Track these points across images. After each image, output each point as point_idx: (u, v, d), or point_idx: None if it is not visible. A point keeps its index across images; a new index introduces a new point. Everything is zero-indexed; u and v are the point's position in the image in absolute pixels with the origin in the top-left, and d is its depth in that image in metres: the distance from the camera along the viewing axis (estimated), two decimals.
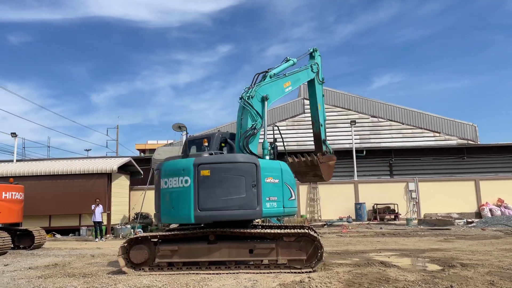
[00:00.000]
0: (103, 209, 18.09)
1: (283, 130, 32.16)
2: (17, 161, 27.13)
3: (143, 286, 6.94)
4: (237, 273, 7.81)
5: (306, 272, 7.72)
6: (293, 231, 8.11)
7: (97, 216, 17.55)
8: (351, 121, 28.88)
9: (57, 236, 19.50)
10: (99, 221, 17.64)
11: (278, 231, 8.17)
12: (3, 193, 13.15)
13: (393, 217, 24.08)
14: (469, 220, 21.82)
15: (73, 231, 20.18)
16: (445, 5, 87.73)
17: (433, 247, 11.93)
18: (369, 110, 32.37)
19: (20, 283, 7.67)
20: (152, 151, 41.57)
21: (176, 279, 7.45)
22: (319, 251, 7.89)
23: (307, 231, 8.07)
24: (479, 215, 24.14)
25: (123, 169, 22.12)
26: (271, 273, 7.75)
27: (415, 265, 8.89)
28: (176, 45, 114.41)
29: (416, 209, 24.90)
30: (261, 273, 7.76)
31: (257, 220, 10.93)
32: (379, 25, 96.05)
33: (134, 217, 22.22)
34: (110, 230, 19.81)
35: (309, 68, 11.49)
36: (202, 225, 8.96)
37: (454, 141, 30.83)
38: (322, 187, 25.64)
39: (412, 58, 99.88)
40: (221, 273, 7.83)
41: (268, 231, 8.22)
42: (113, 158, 26.23)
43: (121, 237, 18.44)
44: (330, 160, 11.51)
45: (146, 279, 7.48)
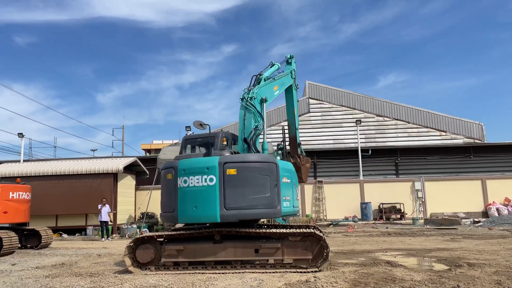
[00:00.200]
0: (109, 209, 18.18)
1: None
2: (24, 161, 27.33)
3: (149, 285, 6.97)
4: (242, 272, 7.81)
5: (312, 271, 7.71)
6: (298, 230, 8.11)
7: (104, 215, 17.64)
8: (356, 120, 28.81)
9: (64, 235, 19.62)
10: (105, 221, 17.72)
11: (283, 230, 8.16)
12: (10, 193, 13.23)
13: (399, 216, 23.98)
14: (476, 219, 21.68)
15: (80, 230, 20.30)
16: (449, 3, 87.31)
17: (440, 246, 11.87)
18: (375, 109, 32.27)
19: (27, 282, 7.72)
20: (157, 151, 41.69)
21: (182, 278, 7.47)
22: (325, 251, 7.87)
23: (312, 230, 8.06)
24: (486, 214, 23.99)
25: (129, 169, 22.21)
26: (277, 272, 7.74)
27: (422, 265, 8.85)
28: (180, 45, 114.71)
29: (422, 209, 24.79)
30: (266, 272, 7.76)
31: (262, 219, 10.96)
32: (383, 24, 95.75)
33: (140, 217, 22.31)
34: (116, 229, 19.90)
35: (289, 74, 11.82)
36: (207, 225, 8.99)
37: (460, 140, 30.66)
38: (327, 187, 25.60)
39: (417, 57, 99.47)
40: (226, 273, 7.83)
41: (273, 230, 8.22)
42: (119, 158, 26.34)
43: (127, 236, 18.52)
44: (307, 162, 12.23)
45: (152, 279, 7.50)
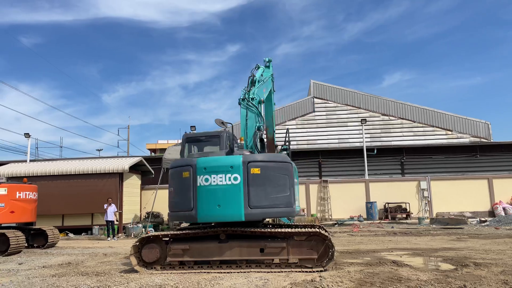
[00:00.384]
0: (115, 208, 18.26)
1: (293, 129, 32.13)
2: (31, 161, 27.50)
3: (155, 284, 6.99)
4: (248, 272, 7.82)
5: (317, 271, 7.70)
6: (304, 230, 8.10)
7: (110, 215, 17.72)
8: (361, 120, 28.72)
9: (70, 235, 19.73)
10: (111, 220, 17.80)
11: (289, 230, 8.17)
12: (17, 192, 13.33)
13: (404, 216, 23.88)
14: (482, 219, 21.54)
15: (86, 230, 20.41)
16: (455, 2, 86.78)
17: (446, 246, 11.81)
18: (380, 108, 32.17)
19: (34, 281, 7.78)
20: (162, 150, 41.83)
21: (187, 277, 7.50)
22: (330, 250, 7.86)
23: (318, 230, 8.05)
24: (492, 213, 23.84)
25: (134, 168, 22.29)
26: (282, 272, 7.74)
27: (428, 265, 8.82)
28: (185, 45, 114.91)
29: (428, 208, 24.68)
30: (272, 272, 7.76)
31: (267, 219, 11.00)
32: (388, 22, 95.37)
33: (145, 216, 22.39)
34: (122, 229, 19.98)
35: (270, 77, 12.07)
36: (212, 224, 9.01)
37: (466, 139, 30.48)
38: (332, 186, 25.55)
39: (422, 55, 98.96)
40: (232, 272, 7.85)
41: (279, 230, 8.23)
42: (124, 158, 26.44)
43: (132, 236, 18.60)
44: None
45: (158, 278, 7.53)
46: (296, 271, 7.75)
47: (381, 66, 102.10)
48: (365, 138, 28.71)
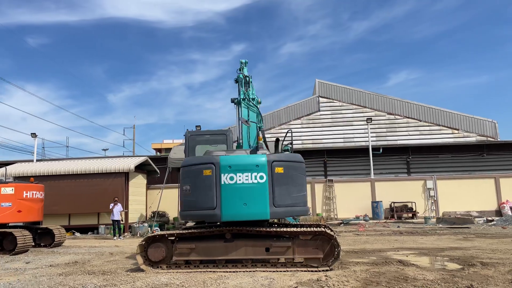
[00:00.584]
0: (121, 208, 18.34)
1: (299, 128, 32.10)
2: (37, 161, 27.69)
3: (161, 283, 7.02)
4: (253, 271, 7.83)
5: (323, 270, 7.69)
6: (309, 229, 8.10)
7: (116, 214, 17.80)
8: (367, 119, 28.63)
9: (77, 234, 19.84)
10: (117, 220, 17.89)
11: (294, 229, 8.16)
12: (24, 192, 13.41)
13: (410, 215, 23.77)
14: (489, 218, 21.41)
15: (92, 229, 20.51)
16: (461, 0, 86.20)
17: (452, 245, 11.75)
18: (386, 107, 32.04)
19: (41, 280, 7.83)
20: (168, 150, 41.92)
21: (193, 276, 7.51)
22: (336, 250, 7.85)
23: (323, 229, 8.04)
24: (499, 213, 23.69)
25: (140, 168, 22.38)
26: (288, 271, 7.74)
27: (434, 264, 8.78)
28: (190, 45, 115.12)
29: (434, 207, 24.56)
30: (277, 271, 7.76)
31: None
32: (394, 21, 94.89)
33: (151, 216, 22.48)
34: (127, 228, 20.07)
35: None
36: (218, 223, 9.01)
37: (473, 138, 30.29)
38: (338, 186, 25.49)
39: (428, 54, 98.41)
40: (238, 271, 7.86)
41: (284, 229, 8.23)
42: (130, 157, 26.56)
43: (138, 235, 18.67)
44: None
45: (164, 277, 7.55)
46: (301, 271, 7.75)
47: (387, 65, 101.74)
48: (371, 137, 28.61)
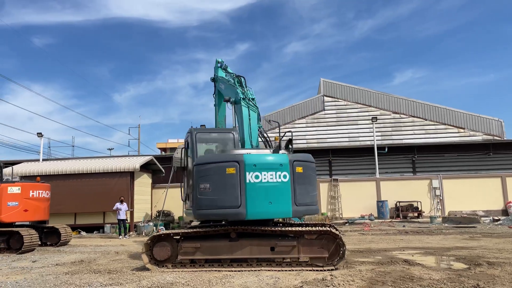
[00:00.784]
0: (127, 207, 18.41)
1: (303, 127, 32.06)
2: (43, 160, 27.85)
3: (167, 282, 7.04)
4: (258, 270, 7.83)
5: (328, 270, 7.68)
6: (314, 228, 8.10)
7: (122, 214, 17.88)
8: (372, 118, 28.52)
9: (82, 233, 19.94)
10: (123, 219, 17.96)
11: (299, 228, 8.16)
12: (31, 191, 13.49)
13: (416, 215, 23.67)
14: (496, 217, 21.29)
15: (98, 228, 20.59)
16: None
17: (458, 245, 11.69)
18: (391, 106, 31.92)
19: (48, 279, 7.88)
20: (173, 149, 41.98)
21: (198, 275, 7.53)
22: (341, 249, 7.84)
23: (328, 228, 8.04)
24: (505, 212, 23.53)
25: (145, 167, 22.44)
26: (293, 270, 7.74)
27: (440, 264, 8.74)
28: (195, 44, 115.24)
29: (440, 207, 24.43)
30: (282, 270, 7.76)
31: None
32: (399, 19, 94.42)
33: (156, 215, 22.55)
34: (133, 227, 20.14)
35: None
36: (223, 223, 9.03)
37: (479, 137, 30.10)
38: (343, 185, 25.43)
39: (434, 52, 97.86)
40: (243, 270, 7.87)
41: (289, 228, 8.23)
42: (135, 157, 26.65)
43: (144, 234, 18.73)
44: None
45: (169, 276, 7.58)
46: (307, 270, 7.75)
47: (392, 63, 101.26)
48: (376, 136, 28.50)
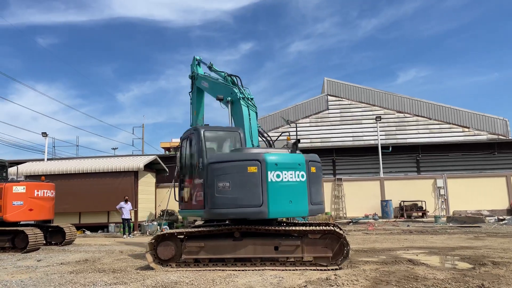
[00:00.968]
0: (131, 206, 18.46)
1: (307, 126, 32.01)
2: (48, 160, 27.96)
3: (171, 282, 7.05)
4: (262, 269, 7.83)
5: (332, 269, 7.67)
6: (318, 228, 8.08)
7: (126, 213, 17.93)
8: (376, 117, 28.42)
9: (87, 232, 20.02)
10: (127, 218, 18.01)
11: (303, 228, 8.15)
12: (35, 191, 13.55)
13: (420, 214, 23.59)
14: (501, 217, 21.17)
15: (102, 227, 20.67)
16: None
17: (463, 245, 11.64)
18: (395, 105, 31.81)
19: (52, 278, 7.91)
20: (176, 149, 42.02)
21: (202, 275, 7.54)
22: (345, 249, 7.82)
23: (332, 228, 8.02)
24: (510, 212, 23.41)
25: (149, 167, 22.50)
26: (297, 270, 7.74)
27: (445, 263, 8.71)
28: (198, 44, 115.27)
29: (444, 206, 24.34)
30: (286, 270, 7.76)
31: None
32: (403, 18, 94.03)
33: (160, 214, 22.59)
34: (137, 226, 20.20)
35: None
36: (227, 222, 9.04)
37: (484, 136, 29.95)
38: (347, 184, 25.38)
39: (439, 51, 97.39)
40: (246, 270, 7.87)
41: (293, 228, 8.22)
42: (139, 156, 26.73)
43: (148, 233, 18.78)
44: None
45: (173, 275, 7.59)
46: (310, 269, 7.74)
47: (396, 62, 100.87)
48: (380, 135, 28.42)
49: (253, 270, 7.84)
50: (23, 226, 13.30)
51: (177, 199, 10.15)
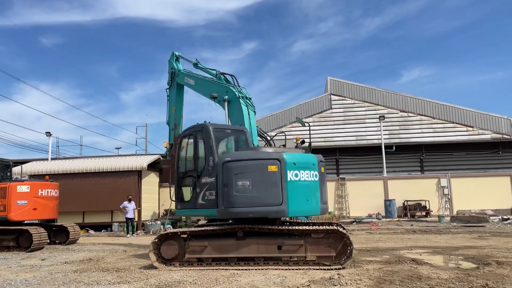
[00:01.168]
0: (135, 206, 18.51)
1: (310, 126, 31.93)
2: (52, 159, 28.06)
3: (174, 281, 7.07)
4: (266, 269, 7.84)
5: (335, 269, 7.66)
6: (321, 227, 8.08)
7: (129, 212, 17.98)
8: (379, 116, 28.36)
9: (91, 231, 20.08)
10: (131, 218, 18.06)
11: (306, 227, 8.15)
12: (40, 190, 13.61)
13: (424, 214, 23.52)
14: (505, 217, 21.09)
15: (106, 227, 20.73)
16: None
17: (467, 244, 11.60)
18: (399, 104, 31.69)
19: (56, 277, 7.95)
20: None
21: (206, 274, 7.55)
22: (349, 248, 7.81)
23: (336, 227, 8.01)
24: None
25: (153, 166, 22.54)
26: (300, 269, 7.73)
27: (448, 263, 8.68)
28: (202, 43, 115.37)
29: (448, 206, 24.25)
30: (290, 269, 7.76)
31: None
32: (407, 17, 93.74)
33: (163, 214, 22.64)
34: (140, 226, 20.25)
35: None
36: (230, 221, 9.04)
37: (488, 136, 29.79)
38: (350, 184, 25.34)
39: (443, 50, 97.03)
40: (250, 269, 7.87)
41: (296, 227, 8.22)
42: (142, 155, 26.77)
43: (151, 233, 18.83)
44: None
45: (176, 274, 7.61)
46: (314, 269, 7.73)
47: (400, 62, 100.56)
48: (383, 135, 28.36)
49: (256, 269, 7.85)
50: (27, 225, 13.36)
51: (173, 198, 9.59)
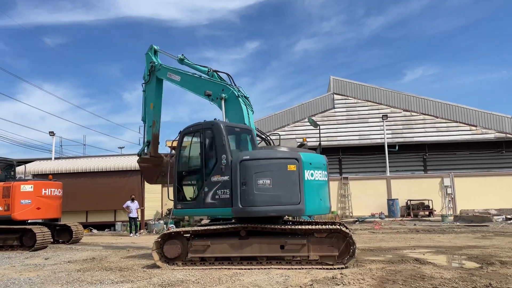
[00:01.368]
0: (138, 205, 18.55)
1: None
2: (55, 159, 28.16)
3: (177, 280, 7.08)
4: (268, 268, 7.83)
5: (338, 268, 7.65)
6: (324, 227, 8.07)
7: (133, 212, 18.02)
8: (382, 116, 28.33)
9: (94, 231, 20.15)
10: (134, 217, 18.11)
11: (309, 227, 8.14)
12: (43, 189, 13.66)
13: (427, 213, 23.49)
14: (508, 216, 21.01)
15: (109, 226, 20.80)
16: None
17: (470, 244, 11.56)
18: (402, 104, 31.61)
19: (60, 276, 7.98)
20: None
21: (208, 273, 7.56)
22: (351, 248, 7.80)
23: (339, 227, 8.01)
24: None
25: None
26: (303, 269, 7.73)
27: (452, 263, 8.65)
28: (205, 43, 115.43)
29: (451, 205, 24.21)
30: (292, 269, 7.75)
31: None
32: (410, 16, 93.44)
33: (166, 213, 22.68)
34: (144, 225, 20.29)
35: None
36: (233, 221, 9.04)
37: (491, 135, 29.68)
38: (353, 183, 25.33)
39: (446, 49, 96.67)
40: (253, 269, 7.87)
41: (299, 227, 8.22)
42: None
43: (154, 232, 18.86)
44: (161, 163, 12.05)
45: (179, 274, 7.62)
46: (316, 268, 7.72)
47: (403, 61, 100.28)
48: (386, 134, 28.30)
49: (259, 268, 7.85)
50: (31, 224, 13.41)
51: (171, 197, 9.27)
